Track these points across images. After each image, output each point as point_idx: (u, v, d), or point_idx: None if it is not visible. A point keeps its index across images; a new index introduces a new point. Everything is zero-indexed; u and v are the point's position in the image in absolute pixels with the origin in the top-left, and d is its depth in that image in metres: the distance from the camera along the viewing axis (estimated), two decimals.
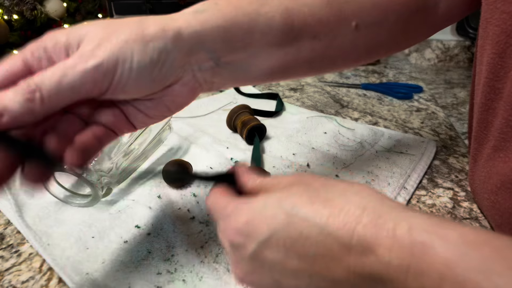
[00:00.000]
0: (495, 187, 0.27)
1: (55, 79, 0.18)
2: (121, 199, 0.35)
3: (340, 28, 0.26)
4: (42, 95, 0.18)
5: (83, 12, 1.03)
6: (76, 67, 0.18)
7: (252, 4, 0.23)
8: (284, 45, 0.25)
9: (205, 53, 0.22)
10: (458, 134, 0.50)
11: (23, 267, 0.27)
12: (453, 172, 0.40)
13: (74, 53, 0.19)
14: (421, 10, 0.29)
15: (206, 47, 0.22)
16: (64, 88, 0.18)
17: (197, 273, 0.26)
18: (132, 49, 0.20)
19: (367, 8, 0.27)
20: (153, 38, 0.20)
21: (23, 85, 0.18)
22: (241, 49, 0.23)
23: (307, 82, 0.77)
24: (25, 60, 0.19)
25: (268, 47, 0.24)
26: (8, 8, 0.81)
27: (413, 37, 0.32)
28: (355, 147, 0.45)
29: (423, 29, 0.32)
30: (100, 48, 0.19)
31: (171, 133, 0.44)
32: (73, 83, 0.18)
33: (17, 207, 0.32)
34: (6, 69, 0.19)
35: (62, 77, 0.18)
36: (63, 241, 0.29)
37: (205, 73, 0.23)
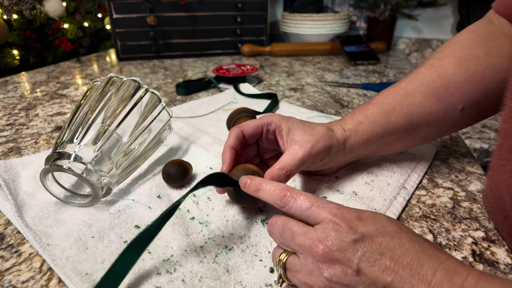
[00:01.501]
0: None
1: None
2: (121, 199, 0.35)
3: (449, 114, 0.34)
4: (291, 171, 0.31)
5: (83, 12, 1.03)
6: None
7: (382, 118, 0.34)
8: (404, 138, 0.36)
9: (351, 153, 0.35)
10: (458, 134, 0.50)
11: (23, 267, 0.27)
12: (453, 172, 0.40)
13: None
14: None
15: (355, 152, 0.35)
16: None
17: (196, 273, 0.26)
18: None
19: (469, 93, 0.33)
20: (331, 141, 0.33)
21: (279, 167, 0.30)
22: (374, 148, 0.36)
23: (308, 82, 0.77)
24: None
25: (393, 142, 0.36)
26: (8, 8, 0.81)
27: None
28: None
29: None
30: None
31: (171, 133, 0.44)
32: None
33: (17, 207, 0.32)
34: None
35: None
36: (63, 241, 0.29)
37: (343, 161, 0.36)
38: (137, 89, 0.36)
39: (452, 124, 0.35)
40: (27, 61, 0.93)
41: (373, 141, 0.34)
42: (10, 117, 0.57)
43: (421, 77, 0.35)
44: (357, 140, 0.34)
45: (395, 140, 0.35)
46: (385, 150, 0.37)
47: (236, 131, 0.33)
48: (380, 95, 0.36)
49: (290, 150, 0.31)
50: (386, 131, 0.34)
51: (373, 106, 0.35)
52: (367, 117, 0.34)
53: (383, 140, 0.35)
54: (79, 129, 0.32)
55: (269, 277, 0.26)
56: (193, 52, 1.02)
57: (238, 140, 0.33)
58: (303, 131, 0.32)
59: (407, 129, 0.34)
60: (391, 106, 0.34)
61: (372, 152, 0.37)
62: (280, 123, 0.33)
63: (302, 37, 1.08)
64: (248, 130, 0.33)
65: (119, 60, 0.98)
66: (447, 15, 1.13)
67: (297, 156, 0.30)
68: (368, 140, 0.34)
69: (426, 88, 0.34)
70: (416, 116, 0.34)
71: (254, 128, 0.33)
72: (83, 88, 0.73)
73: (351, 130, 0.34)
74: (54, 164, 0.30)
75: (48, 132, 0.51)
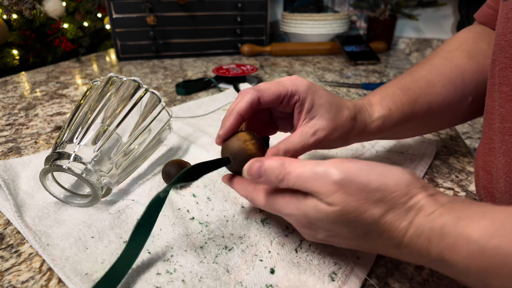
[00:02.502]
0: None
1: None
2: (121, 199, 0.35)
3: (460, 105, 0.35)
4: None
5: (82, 12, 1.02)
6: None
7: (409, 106, 0.33)
8: (418, 127, 0.36)
9: (367, 137, 0.33)
10: (458, 134, 0.50)
11: (23, 267, 0.27)
12: (453, 172, 0.40)
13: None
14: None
15: (371, 136, 0.33)
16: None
17: (196, 273, 0.26)
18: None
19: (480, 85, 0.34)
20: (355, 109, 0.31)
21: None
22: (387, 134, 0.34)
23: None
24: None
25: (407, 130, 0.36)
26: (7, 8, 0.81)
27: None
28: (355, 147, 0.45)
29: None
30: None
31: (171, 133, 0.44)
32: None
33: (17, 207, 0.32)
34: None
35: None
36: (63, 241, 0.29)
37: (356, 141, 0.33)
38: (137, 89, 0.36)
39: (460, 116, 0.36)
40: (26, 61, 0.93)
41: (394, 128, 0.33)
42: (10, 117, 0.57)
43: (438, 66, 0.35)
44: (383, 128, 0.32)
45: (409, 129, 0.35)
46: (395, 136, 0.37)
47: (252, 95, 0.27)
48: (405, 80, 0.35)
49: (302, 132, 0.28)
50: (408, 119, 0.33)
51: (401, 91, 0.33)
52: (396, 104, 0.33)
53: (402, 127, 0.34)
54: (79, 129, 0.32)
55: (269, 277, 0.26)
56: (193, 52, 1.02)
57: (251, 107, 0.27)
58: (326, 112, 0.28)
59: (425, 118, 0.34)
60: (417, 94, 0.33)
61: (384, 137, 0.36)
62: (306, 96, 0.28)
63: (302, 37, 1.08)
64: (267, 97, 0.28)
65: (119, 60, 0.98)
66: (447, 15, 1.13)
67: (306, 143, 0.28)
68: (390, 128, 0.33)
69: (445, 78, 0.34)
70: (436, 106, 0.34)
71: (275, 97, 0.28)
72: (83, 88, 0.73)
73: (378, 121, 0.32)
74: (53, 164, 0.30)
75: (48, 132, 0.51)
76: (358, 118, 0.31)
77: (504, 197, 0.28)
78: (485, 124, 0.30)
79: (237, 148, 0.27)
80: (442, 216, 0.18)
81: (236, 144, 0.27)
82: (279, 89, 0.28)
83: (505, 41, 0.26)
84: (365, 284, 0.25)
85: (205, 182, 0.37)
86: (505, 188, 0.27)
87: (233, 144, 0.27)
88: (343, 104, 0.30)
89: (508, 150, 0.26)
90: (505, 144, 0.27)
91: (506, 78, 0.26)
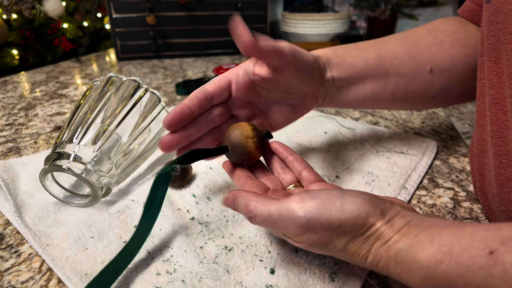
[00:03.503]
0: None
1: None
2: (121, 199, 0.34)
3: (418, 70, 0.35)
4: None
5: (82, 11, 1.02)
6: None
7: (355, 50, 0.35)
8: (376, 78, 0.35)
9: (330, 79, 0.33)
10: (459, 134, 0.50)
11: (22, 267, 0.27)
12: (453, 172, 0.40)
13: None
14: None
15: (333, 74, 0.34)
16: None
17: (196, 273, 0.26)
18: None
19: (437, 57, 0.35)
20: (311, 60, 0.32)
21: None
22: (346, 77, 0.34)
23: None
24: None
25: (364, 78, 0.35)
26: (7, 8, 0.81)
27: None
28: (355, 147, 0.45)
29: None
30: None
31: None
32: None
33: (17, 207, 0.32)
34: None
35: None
36: (62, 242, 0.29)
37: (324, 92, 0.34)
38: (136, 89, 0.36)
39: (421, 85, 0.36)
40: (26, 61, 0.93)
41: (345, 67, 0.34)
42: (10, 117, 0.57)
43: (395, 36, 0.38)
44: (331, 61, 0.33)
45: (367, 78, 0.35)
46: (359, 89, 0.35)
47: (197, 90, 0.30)
48: (357, 43, 0.37)
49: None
50: (357, 61, 0.34)
51: (350, 47, 0.36)
52: (338, 47, 0.35)
53: (355, 72, 0.34)
54: (79, 129, 0.32)
55: (269, 278, 0.25)
56: (193, 51, 1.02)
57: (198, 99, 0.29)
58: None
59: (378, 68, 0.35)
60: (366, 45, 0.36)
61: (347, 85, 0.35)
62: (249, 67, 0.29)
63: (302, 36, 1.08)
64: (212, 86, 0.30)
65: (119, 59, 0.98)
66: (448, 15, 1.13)
67: (287, 45, 0.28)
68: (341, 64, 0.33)
69: (399, 42, 0.36)
70: (388, 59, 0.35)
71: (218, 82, 0.30)
72: (83, 88, 0.73)
73: (325, 57, 0.33)
74: (53, 164, 0.30)
75: (48, 132, 0.51)
76: (311, 55, 0.32)
77: (495, 199, 0.28)
78: (477, 125, 0.30)
79: (238, 141, 0.28)
80: (397, 244, 0.19)
81: (238, 137, 0.28)
82: (219, 77, 0.30)
83: (489, 44, 0.26)
84: (365, 284, 0.25)
85: (205, 182, 0.37)
86: (496, 191, 0.27)
87: (235, 137, 0.28)
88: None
89: (497, 153, 0.26)
90: (494, 147, 0.27)
91: (491, 82, 0.26)
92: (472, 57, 0.35)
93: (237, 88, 0.31)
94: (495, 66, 0.26)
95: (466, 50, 0.35)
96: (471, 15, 0.36)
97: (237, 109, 0.32)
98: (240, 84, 0.31)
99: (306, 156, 0.42)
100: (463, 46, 0.35)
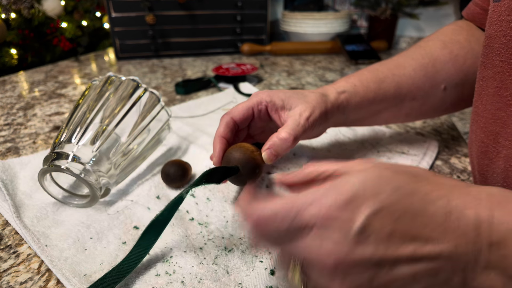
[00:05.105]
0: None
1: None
2: (120, 199, 0.34)
3: (432, 91, 0.36)
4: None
5: (81, 11, 1.02)
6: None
7: (375, 83, 0.35)
8: (391, 107, 0.37)
9: (342, 115, 0.35)
10: (460, 134, 0.49)
11: (21, 268, 0.27)
12: (455, 173, 0.39)
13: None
14: None
15: (345, 114, 0.35)
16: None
17: (195, 274, 0.26)
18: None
19: (452, 74, 0.36)
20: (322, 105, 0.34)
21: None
22: (363, 113, 0.36)
23: (308, 81, 0.76)
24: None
25: (380, 111, 0.37)
26: (6, 7, 0.81)
27: None
28: (356, 147, 0.44)
29: None
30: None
31: (170, 133, 0.44)
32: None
33: (15, 207, 0.32)
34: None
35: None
36: (61, 242, 0.28)
37: (334, 123, 0.36)
38: (135, 89, 0.36)
39: (434, 103, 0.37)
40: (25, 60, 0.93)
41: (364, 106, 0.35)
42: (8, 116, 0.57)
43: (411, 53, 0.38)
44: (351, 102, 0.35)
45: (383, 110, 0.37)
46: (373, 119, 0.38)
47: (226, 118, 0.32)
48: (375, 64, 0.38)
49: (291, 119, 0.31)
50: (377, 97, 0.35)
51: (368, 72, 0.36)
52: (361, 81, 0.35)
53: (373, 107, 0.36)
54: (77, 129, 0.32)
55: (269, 279, 0.25)
56: (192, 51, 1.01)
57: (229, 128, 0.32)
58: (298, 100, 0.32)
59: (395, 98, 0.36)
60: (384, 74, 0.36)
61: (360, 119, 0.38)
62: (271, 98, 0.32)
63: (302, 36, 1.07)
64: (238, 115, 0.32)
65: (118, 59, 0.98)
66: (449, 14, 1.13)
67: (300, 123, 0.31)
68: (360, 104, 0.35)
69: (416, 63, 0.36)
70: (405, 87, 0.36)
71: (244, 111, 0.32)
72: (82, 88, 0.73)
73: (344, 93, 0.35)
74: (52, 164, 0.30)
75: (46, 132, 0.51)
76: (327, 94, 0.34)
77: None
78: (476, 126, 0.29)
79: (246, 157, 0.29)
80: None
81: (245, 154, 0.29)
82: (246, 104, 0.32)
83: (500, 44, 0.26)
84: None
85: None
86: None
87: (242, 154, 0.29)
88: (305, 91, 0.34)
89: (508, 156, 0.26)
90: (505, 149, 0.26)
91: (505, 83, 0.26)
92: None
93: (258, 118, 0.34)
94: (508, 66, 0.25)
95: (479, 60, 0.35)
96: (474, 18, 0.36)
97: (253, 130, 0.36)
98: (261, 117, 0.34)
99: (306, 157, 0.42)
100: (476, 57, 0.35)
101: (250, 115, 0.32)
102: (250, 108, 0.32)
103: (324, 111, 0.33)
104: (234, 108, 0.32)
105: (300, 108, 0.32)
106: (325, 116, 0.33)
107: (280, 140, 0.30)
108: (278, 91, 0.33)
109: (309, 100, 0.32)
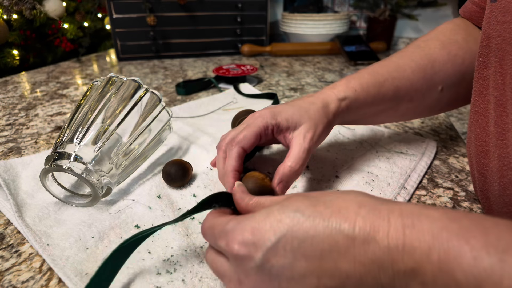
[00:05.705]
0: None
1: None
2: (121, 199, 0.35)
3: (429, 93, 0.36)
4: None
5: (83, 12, 1.02)
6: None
7: (375, 88, 0.35)
8: (388, 110, 0.37)
9: (340, 119, 0.35)
10: (458, 134, 0.50)
11: (23, 267, 0.27)
12: (453, 172, 0.40)
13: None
14: None
15: (343, 118, 0.35)
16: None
17: (196, 273, 0.26)
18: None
19: (450, 75, 0.36)
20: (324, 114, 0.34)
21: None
22: (360, 116, 0.36)
23: (307, 82, 0.77)
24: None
25: (378, 113, 0.37)
26: (8, 8, 0.81)
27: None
28: (355, 147, 0.45)
29: None
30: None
31: (171, 133, 0.44)
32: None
33: (17, 207, 0.32)
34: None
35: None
36: (63, 241, 0.29)
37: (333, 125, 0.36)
38: (137, 89, 0.36)
39: (430, 104, 0.37)
40: (27, 61, 0.93)
41: (362, 109, 0.36)
42: (10, 117, 0.57)
43: (410, 54, 0.37)
44: (351, 108, 0.35)
45: (380, 112, 0.37)
46: (368, 120, 0.38)
47: (238, 150, 0.31)
48: (374, 66, 0.37)
49: (296, 144, 0.31)
50: (375, 101, 0.35)
51: (368, 75, 0.36)
52: (361, 85, 0.35)
53: (371, 109, 0.36)
54: (79, 129, 0.32)
55: None
56: (193, 52, 1.02)
57: (241, 159, 0.31)
58: (301, 117, 0.32)
59: (393, 101, 0.36)
60: (384, 77, 0.35)
61: (356, 120, 0.38)
62: (276, 121, 0.32)
63: (302, 37, 1.08)
64: (248, 143, 0.31)
65: (119, 60, 0.98)
66: (447, 15, 1.13)
67: (304, 148, 0.31)
68: (359, 108, 0.35)
69: (415, 64, 0.36)
70: (403, 89, 0.35)
71: (254, 140, 0.31)
72: (83, 88, 0.73)
73: (345, 100, 0.34)
74: (54, 164, 0.30)
75: (48, 132, 0.51)
76: (329, 104, 0.34)
77: (498, 200, 0.28)
78: (476, 126, 0.30)
79: (260, 186, 0.30)
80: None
81: (256, 185, 0.30)
82: (253, 131, 0.31)
83: (496, 44, 0.26)
84: None
85: (206, 182, 0.37)
86: (499, 192, 0.27)
87: (253, 186, 0.30)
88: (306, 102, 0.33)
89: (501, 155, 0.26)
90: (499, 149, 0.26)
91: (496, 83, 0.26)
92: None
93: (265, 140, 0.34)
94: (500, 67, 0.26)
95: (477, 61, 0.35)
96: (471, 16, 0.36)
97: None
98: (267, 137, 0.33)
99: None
100: (474, 57, 0.35)
101: (258, 140, 0.32)
102: (258, 134, 0.32)
103: (326, 124, 0.33)
104: (242, 137, 0.31)
105: (304, 128, 0.31)
106: (328, 128, 0.34)
107: (290, 171, 0.30)
108: (280, 109, 0.32)
109: (311, 116, 0.32)
